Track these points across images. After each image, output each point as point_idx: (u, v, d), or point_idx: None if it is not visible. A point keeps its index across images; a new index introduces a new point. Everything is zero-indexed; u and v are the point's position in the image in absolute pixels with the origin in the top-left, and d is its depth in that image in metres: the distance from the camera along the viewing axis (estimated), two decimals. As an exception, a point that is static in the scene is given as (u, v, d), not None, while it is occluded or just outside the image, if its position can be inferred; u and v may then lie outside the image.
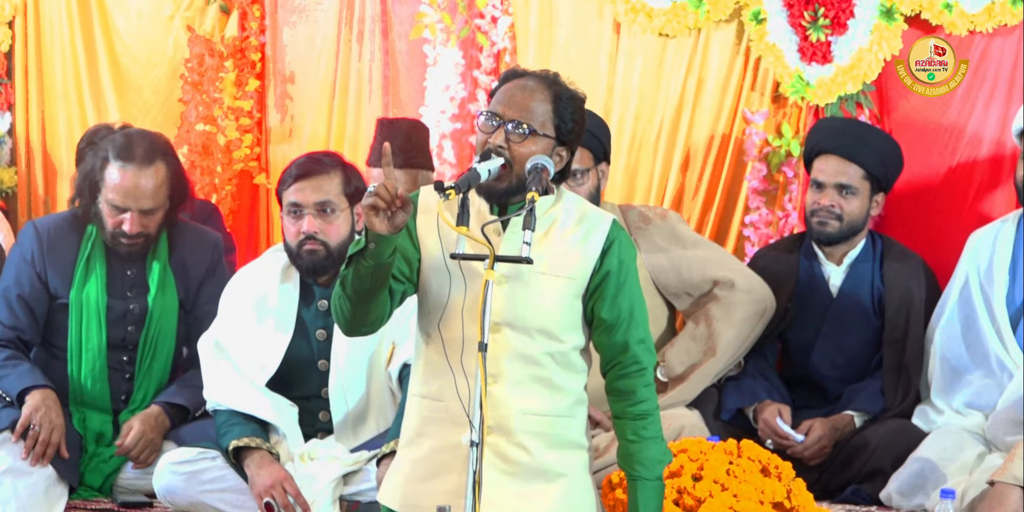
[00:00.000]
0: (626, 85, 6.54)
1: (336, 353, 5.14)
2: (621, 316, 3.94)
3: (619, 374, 3.98)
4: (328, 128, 7.03)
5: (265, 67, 7.13)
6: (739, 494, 4.65)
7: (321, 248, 5.07)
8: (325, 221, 5.08)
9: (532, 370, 3.88)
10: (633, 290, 3.96)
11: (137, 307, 5.51)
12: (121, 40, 7.30)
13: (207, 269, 5.61)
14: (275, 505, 4.92)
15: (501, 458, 3.88)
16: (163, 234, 5.54)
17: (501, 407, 3.87)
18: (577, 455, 3.97)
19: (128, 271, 5.52)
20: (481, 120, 3.91)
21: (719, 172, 6.41)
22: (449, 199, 3.69)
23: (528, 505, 3.89)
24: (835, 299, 5.86)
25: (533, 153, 3.86)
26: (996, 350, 5.56)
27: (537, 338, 3.88)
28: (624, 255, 3.95)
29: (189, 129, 7.06)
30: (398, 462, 4.02)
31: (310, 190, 5.07)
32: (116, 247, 5.47)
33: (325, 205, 5.07)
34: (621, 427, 3.99)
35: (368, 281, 3.71)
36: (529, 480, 3.89)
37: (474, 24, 6.71)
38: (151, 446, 5.34)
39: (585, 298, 3.94)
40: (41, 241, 5.50)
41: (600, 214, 3.99)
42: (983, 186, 6.07)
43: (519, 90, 3.92)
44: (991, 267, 5.62)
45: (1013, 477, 4.92)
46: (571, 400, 3.95)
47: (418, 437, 3.96)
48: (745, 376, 5.84)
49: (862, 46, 6.08)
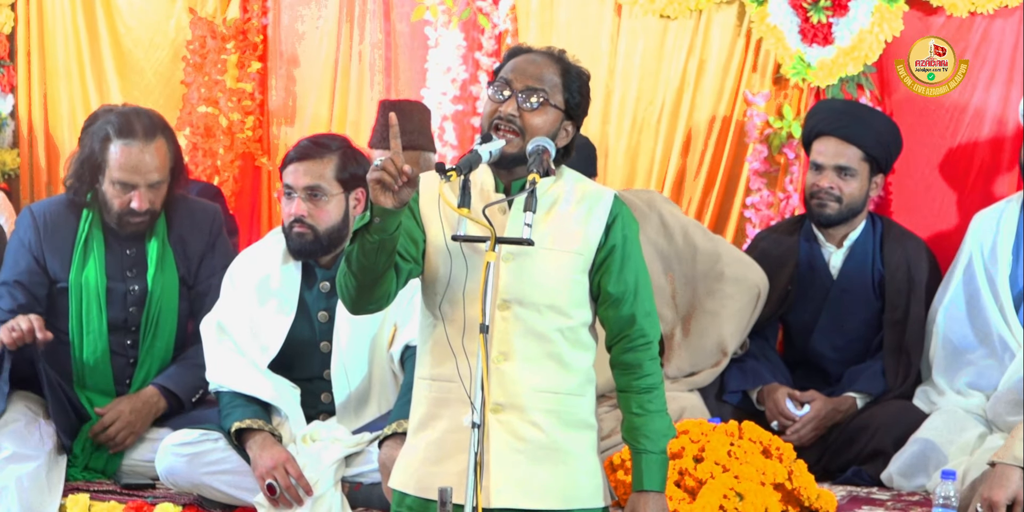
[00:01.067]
0: (627, 67, 6.53)
1: (338, 334, 5.15)
2: (627, 289, 3.94)
3: (625, 348, 3.98)
4: (330, 110, 7.03)
5: (267, 49, 7.14)
6: (740, 475, 4.67)
7: (309, 232, 5.09)
8: (314, 205, 5.08)
9: (543, 347, 3.88)
10: (638, 263, 3.97)
11: (137, 288, 5.51)
12: (123, 22, 7.31)
13: (207, 243, 5.61)
14: (277, 487, 4.93)
15: (514, 436, 3.87)
16: (161, 212, 5.55)
17: (513, 384, 3.87)
18: (587, 435, 3.97)
19: (127, 251, 5.53)
20: (490, 90, 3.90)
21: (720, 154, 6.42)
22: (451, 181, 3.70)
23: (539, 486, 3.89)
24: (835, 281, 5.87)
25: (544, 124, 3.86)
26: (999, 330, 5.57)
27: (546, 314, 3.88)
28: (627, 229, 3.95)
29: (191, 111, 7.06)
30: (410, 447, 3.99)
31: (302, 173, 5.08)
32: (122, 228, 5.48)
33: (315, 189, 5.07)
34: (626, 400, 3.99)
35: (373, 257, 3.70)
36: (540, 459, 3.88)
37: (475, 6, 6.71)
38: (129, 429, 5.35)
39: (591, 273, 3.95)
40: (38, 226, 5.51)
41: (601, 190, 3.99)
42: (984, 167, 6.07)
43: (528, 63, 3.92)
44: (995, 247, 5.62)
45: (1014, 458, 4.92)
46: (581, 378, 3.95)
47: (431, 420, 3.94)
48: (748, 357, 5.85)
49: (863, 28, 6.08)
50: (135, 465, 5.42)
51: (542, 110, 3.87)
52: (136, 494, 5.26)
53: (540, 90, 3.87)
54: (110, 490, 5.31)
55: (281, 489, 4.92)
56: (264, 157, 7.11)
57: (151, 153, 5.41)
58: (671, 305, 5.86)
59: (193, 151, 7.01)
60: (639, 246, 3.99)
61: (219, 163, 7.03)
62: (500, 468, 3.85)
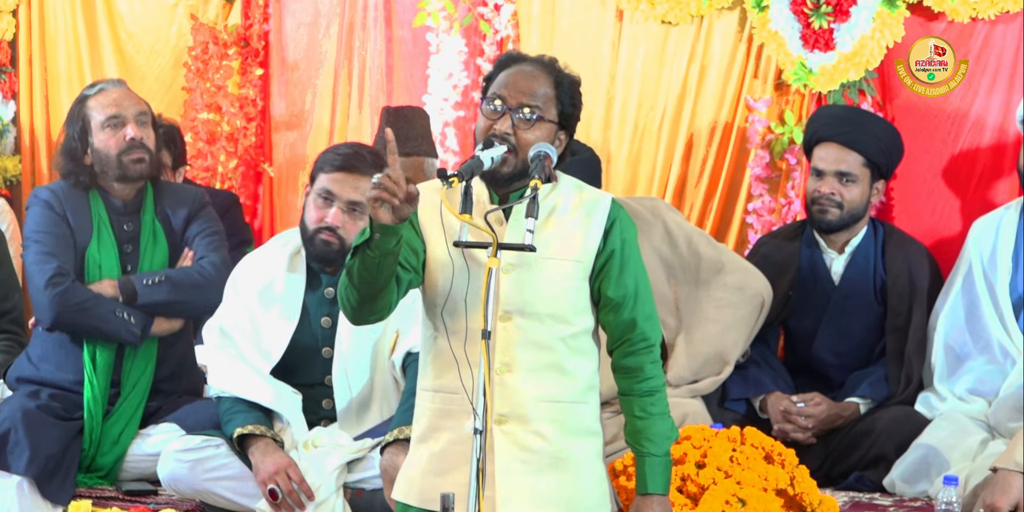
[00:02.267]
0: (628, 73, 6.54)
1: (340, 340, 5.15)
2: (627, 294, 3.94)
3: (627, 351, 3.98)
4: (332, 116, 7.04)
5: (269, 55, 7.14)
6: (743, 481, 4.66)
7: (336, 242, 5.07)
8: (351, 219, 5.07)
9: (545, 356, 3.88)
10: (637, 267, 3.96)
11: (133, 260, 5.57)
12: (125, 28, 7.32)
13: (188, 214, 5.67)
14: (279, 492, 4.93)
15: (518, 446, 3.87)
16: (149, 189, 5.63)
17: (517, 395, 3.86)
18: (591, 442, 3.97)
19: (125, 226, 5.59)
20: (485, 106, 3.91)
21: (722, 160, 6.42)
22: (452, 187, 3.70)
23: (546, 496, 3.88)
24: (837, 287, 5.87)
25: (538, 139, 3.86)
26: (999, 337, 5.57)
27: (548, 323, 3.88)
28: (626, 233, 3.95)
29: (193, 117, 7.07)
30: (414, 458, 3.98)
31: (349, 185, 5.06)
32: (126, 175, 5.54)
33: (356, 205, 5.06)
34: (628, 404, 3.99)
35: (374, 271, 3.70)
36: (546, 469, 3.88)
37: (477, 12, 6.71)
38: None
39: (591, 279, 3.95)
40: (59, 197, 5.57)
41: (598, 195, 3.99)
42: (985, 173, 6.07)
43: (521, 76, 3.91)
44: (995, 254, 5.63)
45: (1015, 463, 4.93)
46: (583, 386, 3.95)
47: (433, 432, 3.93)
48: (750, 365, 5.85)
49: (864, 33, 6.08)
50: (137, 469, 5.42)
51: (537, 126, 3.87)
52: (138, 500, 5.26)
53: (534, 106, 3.87)
54: (112, 496, 5.31)
55: (283, 494, 4.92)
56: (266, 163, 7.11)
57: (126, 92, 5.60)
58: (674, 313, 5.85)
59: (195, 157, 7.01)
60: (638, 250, 3.99)
61: (221, 169, 7.03)
62: (505, 479, 3.85)
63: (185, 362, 5.71)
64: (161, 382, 5.59)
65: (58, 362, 5.52)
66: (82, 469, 5.40)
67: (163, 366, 5.60)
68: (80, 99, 5.59)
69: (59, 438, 5.31)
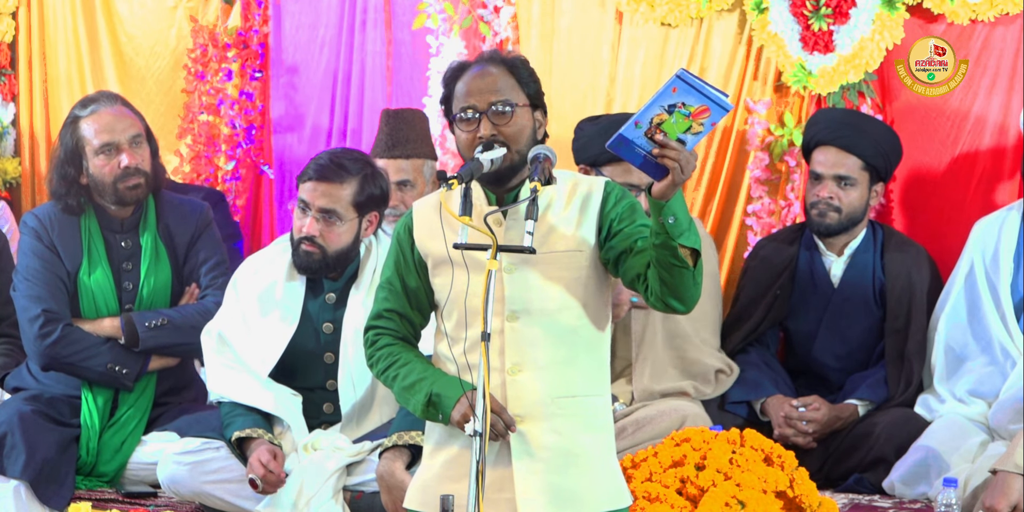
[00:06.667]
0: (628, 75, 6.53)
1: (345, 345, 5.16)
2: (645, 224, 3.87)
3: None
4: (331, 119, 7.03)
5: (268, 57, 7.14)
6: (742, 483, 4.66)
7: (317, 251, 5.10)
8: (327, 227, 5.09)
9: (556, 352, 3.88)
10: (644, 216, 3.92)
11: (133, 280, 5.55)
12: (124, 30, 7.31)
13: (192, 234, 5.67)
14: (258, 481, 4.95)
15: (535, 445, 3.87)
16: (151, 203, 5.61)
17: (530, 394, 3.87)
18: (604, 437, 3.97)
19: (123, 244, 5.58)
20: (459, 122, 3.92)
21: (721, 162, 6.41)
22: (452, 189, 3.71)
23: (566, 493, 3.88)
24: (836, 290, 5.87)
25: (523, 127, 3.89)
26: (1000, 338, 5.57)
27: (556, 317, 3.87)
28: (624, 199, 3.91)
29: (193, 120, 7.07)
30: (427, 466, 4.00)
31: (320, 194, 5.08)
32: (122, 200, 5.53)
33: (330, 213, 5.08)
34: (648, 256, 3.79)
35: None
36: (562, 466, 3.88)
37: (476, 14, 6.71)
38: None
39: (601, 246, 3.90)
40: (45, 225, 5.56)
41: (592, 185, 3.96)
42: (985, 175, 6.07)
43: (476, 79, 3.93)
44: (996, 255, 5.63)
45: (1015, 465, 4.93)
46: (596, 377, 3.95)
47: (448, 439, 3.94)
48: (750, 368, 5.85)
49: (864, 35, 6.08)
50: (138, 473, 5.42)
51: (515, 117, 3.89)
52: (138, 502, 5.27)
53: (503, 100, 3.89)
54: (112, 498, 5.32)
55: (260, 481, 4.95)
56: (266, 165, 7.11)
57: (118, 113, 5.56)
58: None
59: (195, 159, 7.01)
60: (642, 207, 3.95)
61: (220, 172, 7.03)
62: (524, 479, 3.87)
63: (184, 376, 5.71)
64: (162, 396, 5.61)
65: (57, 376, 5.52)
66: (83, 475, 5.41)
67: (164, 382, 5.61)
68: (72, 119, 5.56)
69: (56, 442, 5.31)
